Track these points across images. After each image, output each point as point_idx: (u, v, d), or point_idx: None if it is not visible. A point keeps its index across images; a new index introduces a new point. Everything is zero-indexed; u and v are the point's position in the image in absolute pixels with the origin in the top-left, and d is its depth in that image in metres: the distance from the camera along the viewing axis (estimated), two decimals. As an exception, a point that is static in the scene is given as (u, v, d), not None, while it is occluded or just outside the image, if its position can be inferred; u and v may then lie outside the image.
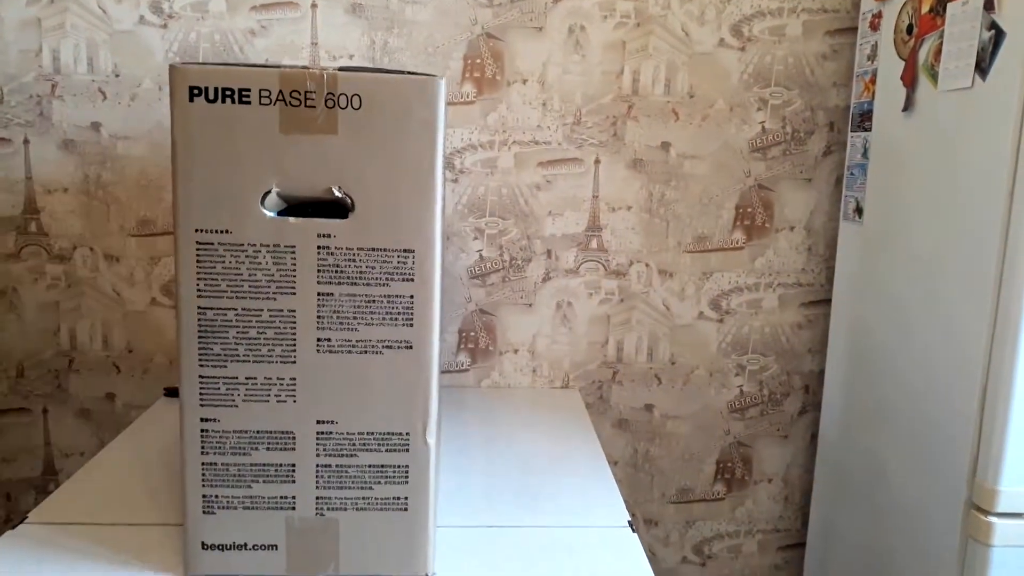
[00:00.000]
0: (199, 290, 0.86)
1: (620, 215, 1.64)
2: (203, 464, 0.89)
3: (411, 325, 0.89)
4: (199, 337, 0.87)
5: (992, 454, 1.13)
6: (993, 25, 1.11)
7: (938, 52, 1.25)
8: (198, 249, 0.85)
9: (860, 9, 1.54)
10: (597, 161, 1.62)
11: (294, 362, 0.88)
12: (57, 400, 1.65)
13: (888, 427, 1.40)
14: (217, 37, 1.53)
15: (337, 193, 0.86)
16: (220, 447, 0.89)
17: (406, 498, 0.92)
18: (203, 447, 0.89)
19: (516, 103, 1.59)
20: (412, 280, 0.88)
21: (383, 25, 1.55)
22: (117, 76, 1.53)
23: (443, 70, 1.57)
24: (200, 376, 0.87)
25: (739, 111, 1.62)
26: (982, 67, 1.14)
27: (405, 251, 0.88)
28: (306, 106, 0.84)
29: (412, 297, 0.89)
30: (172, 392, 1.54)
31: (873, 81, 1.47)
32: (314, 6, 1.53)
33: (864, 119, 1.50)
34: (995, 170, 1.12)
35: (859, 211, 1.52)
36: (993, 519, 1.13)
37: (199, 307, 0.86)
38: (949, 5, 1.22)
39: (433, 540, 0.94)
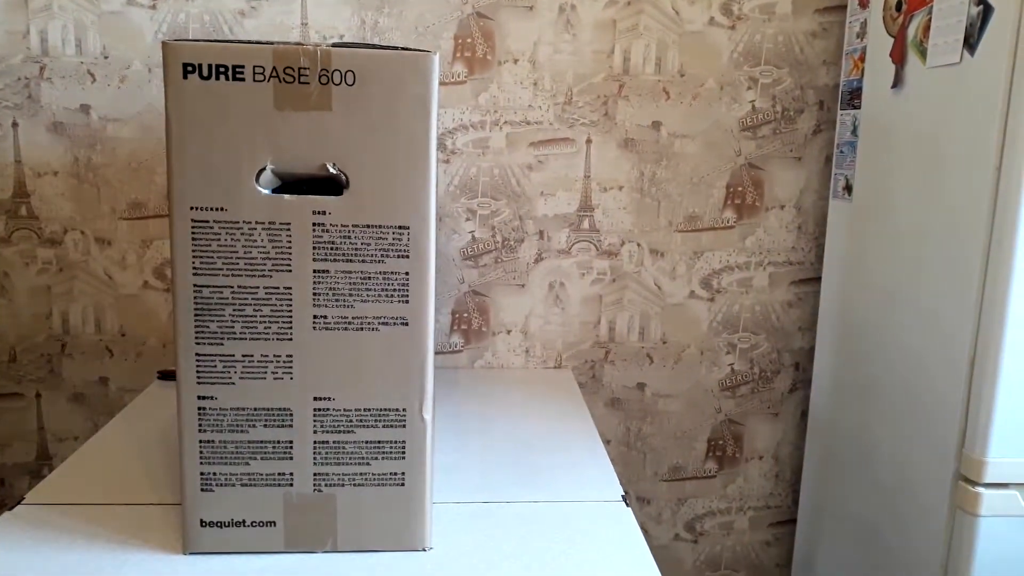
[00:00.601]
0: (194, 268, 0.86)
1: (612, 195, 1.65)
2: (201, 442, 0.89)
3: (407, 301, 0.90)
4: (195, 315, 0.87)
5: (979, 426, 1.15)
6: (981, 1, 1.12)
7: (927, 28, 1.26)
8: (193, 227, 0.85)
9: (849, -13, 1.54)
10: (589, 141, 1.62)
11: (291, 339, 0.89)
12: (50, 385, 1.64)
13: (877, 402, 1.42)
14: (207, 18, 1.52)
15: (332, 170, 0.86)
16: (218, 425, 0.89)
17: (403, 473, 0.93)
18: (200, 425, 0.89)
19: (507, 83, 1.59)
20: (407, 256, 0.89)
21: (373, 4, 1.54)
22: (106, 58, 1.52)
23: (434, 49, 1.56)
24: (197, 354, 0.88)
25: (729, 90, 1.62)
26: (970, 43, 1.15)
27: (400, 227, 0.88)
28: (300, 82, 0.84)
29: (407, 274, 0.89)
30: (166, 375, 1.55)
31: (863, 59, 1.48)
32: (303, -14, 1.52)
33: (854, 97, 1.51)
34: (983, 146, 1.13)
35: (848, 189, 1.53)
36: (981, 490, 1.15)
37: (195, 285, 0.86)
38: (938, -19, 1.22)
39: (430, 515, 0.95)
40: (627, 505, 1.07)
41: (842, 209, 1.56)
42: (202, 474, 0.90)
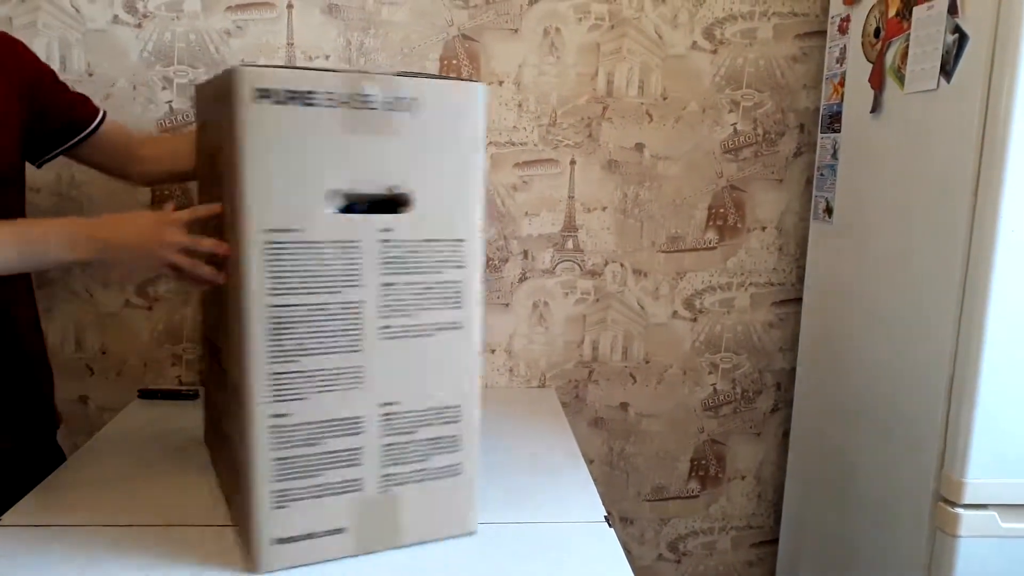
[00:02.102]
0: (269, 288, 0.87)
1: (595, 215, 1.66)
2: (275, 460, 0.90)
3: (459, 307, 0.97)
4: (269, 335, 0.88)
5: (959, 447, 1.16)
6: (957, 29, 1.14)
7: (905, 55, 1.28)
8: (267, 248, 0.87)
9: (829, 13, 1.57)
10: (573, 162, 1.63)
11: (360, 351, 0.92)
12: (29, 403, 1.62)
13: (858, 423, 1.43)
14: (192, 37, 1.52)
15: (397, 189, 0.91)
16: (291, 440, 0.91)
17: (458, 464, 1.00)
18: (274, 443, 0.90)
19: (492, 104, 1.60)
20: (463, 267, 0.96)
21: (359, 26, 1.55)
22: (91, 75, 1.52)
23: (419, 70, 1.57)
24: (271, 373, 0.89)
25: (711, 113, 1.64)
26: (947, 70, 1.17)
27: (457, 240, 0.95)
28: (367, 108, 0.89)
29: (460, 282, 0.96)
30: (146, 394, 1.53)
31: (842, 83, 1.50)
32: (290, 7, 1.53)
33: (834, 121, 1.53)
34: (960, 170, 1.15)
35: (829, 211, 1.55)
36: (960, 511, 1.16)
37: (270, 305, 0.87)
38: (915, 9, 1.25)
39: (478, 499, 1.03)
40: (610, 526, 1.07)
41: (823, 231, 1.58)
42: (275, 491, 0.91)
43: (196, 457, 1.24)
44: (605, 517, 1.09)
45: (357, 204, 0.90)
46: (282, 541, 0.92)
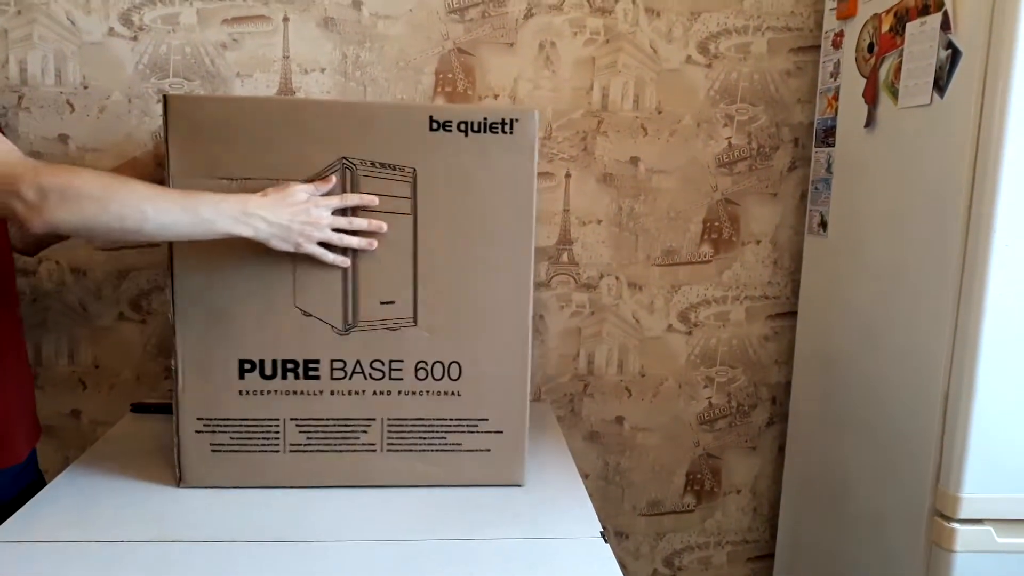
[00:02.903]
0: None
1: (590, 229, 1.66)
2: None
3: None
4: None
5: (954, 462, 1.16)
6: (950, 45, 1.15)
7: (898, 70, 1.29)
8: None
9: (823, 28, 1.57)
10: (568, 175, 1.64)
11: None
12: (20, 416, 1.61)
13: (853, 437, 1.42)
14: (188, 50, 1.52)
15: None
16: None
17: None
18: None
19: (487, 118, 1.60)
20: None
21: (355, 39, 1.55)
22: (86, 88, 1.52)
23: (415, 84, 1.58)
24: None
25: (706, 127, 1.65)
26: (940, 85, 1.18)
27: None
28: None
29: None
30: (139, 408, 1.52)
31: (836, 98, 1.51)
32: (286, 20, 1.53)
33: (828, 135, 1.54)
34: (953, 185, 1.15)
35: (823, 225, 1.55)
36: (956, 525, 1.16)
37: None
38: (908, 24, 1.25)
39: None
40: (605, 541, 1.06)
41: (817, 245, 1.58)
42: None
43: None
44: (601, 532, 1.09)
45: None
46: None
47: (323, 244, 1.10)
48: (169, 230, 1.01)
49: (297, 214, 1.06)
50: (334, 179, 1.10)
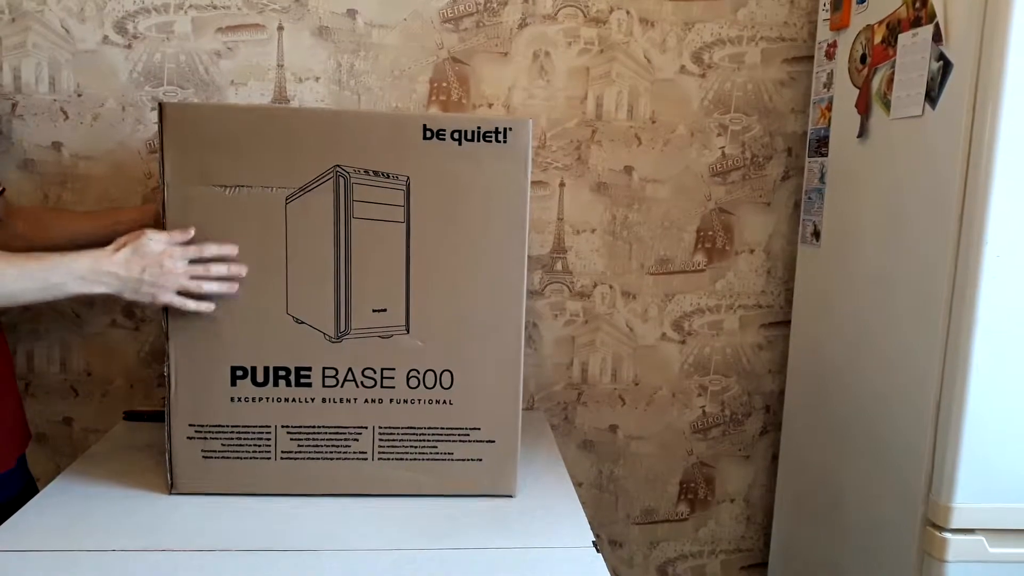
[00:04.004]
0: None
1: (584, 237, 1.66)
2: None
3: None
4: None
5: (946, 472, 1.16)
6: (942, 56, 1.16)
7: (890, 81, 1.29)
8: None
9: (816, 38, 1.58)
10: (562, 184, 1.64)
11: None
12: (12, 424, 1.61)
13: (846, 446, 1.43)
14: (182, 58, 1.53)
15: None
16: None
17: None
18: None
19: (482, 126, 1.60)
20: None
21: (349, 48, 1.56)
22: (80, 95, 1.52)
23: (409, 93, 1.58)
24: None
25: (700, 136, 1.65)
26: (931, 96, 1.18)
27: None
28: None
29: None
30: (132, 416, 1.52)
31: (829, 108, 1.51)
32: (280, 28, 1.54)
33: (821, 145, 1.54)
34: (945, 196, 1.15)
35: (817, 234, 1.55)
36: (948, 535, 1.16)
37: None
38: (900, 36, 1.26)
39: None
40: (598, 551, 1.06)
41: (810, 254, 1.59)
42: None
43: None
44: (593, 542, 1.08)
45: None
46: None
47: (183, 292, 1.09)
48: (18, 298, 1.04)
49: (149, 266, 1.07)
50: (192, 230, 1.09)
